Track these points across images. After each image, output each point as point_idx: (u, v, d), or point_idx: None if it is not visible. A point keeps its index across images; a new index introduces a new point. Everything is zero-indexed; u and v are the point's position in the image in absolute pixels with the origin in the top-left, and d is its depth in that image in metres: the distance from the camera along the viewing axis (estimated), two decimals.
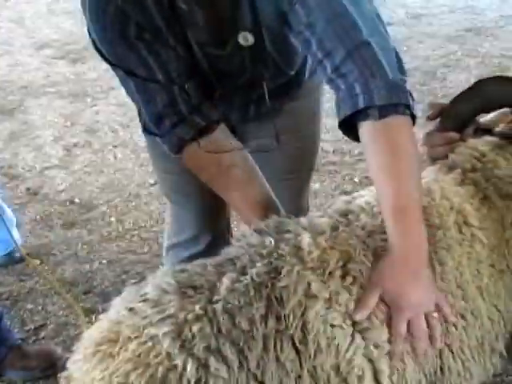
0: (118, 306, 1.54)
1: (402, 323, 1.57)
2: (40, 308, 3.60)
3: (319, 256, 1.58)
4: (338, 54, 1.64)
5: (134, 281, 3.73)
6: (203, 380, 1.39)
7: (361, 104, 1.61)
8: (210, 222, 2.47)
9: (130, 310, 1.49)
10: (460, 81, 5.96)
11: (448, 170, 1.87)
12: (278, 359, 1.47)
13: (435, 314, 1.62)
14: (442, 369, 1.72)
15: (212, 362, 1.40)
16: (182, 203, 2.46)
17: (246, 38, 1.83)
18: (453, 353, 1.71)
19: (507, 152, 1.84)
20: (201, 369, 1.39)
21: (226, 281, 1.51)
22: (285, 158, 2.31)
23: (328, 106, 2.13)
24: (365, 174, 4.73)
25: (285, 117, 2.19)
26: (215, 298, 1.49)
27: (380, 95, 1.61)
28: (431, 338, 1.62)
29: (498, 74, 2.00)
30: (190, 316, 1.44)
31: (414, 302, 1.59)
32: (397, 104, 1.62)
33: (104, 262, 4.01)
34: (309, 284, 1.54)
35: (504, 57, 6.49)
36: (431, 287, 1.64)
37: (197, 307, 1.46)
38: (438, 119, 1.93)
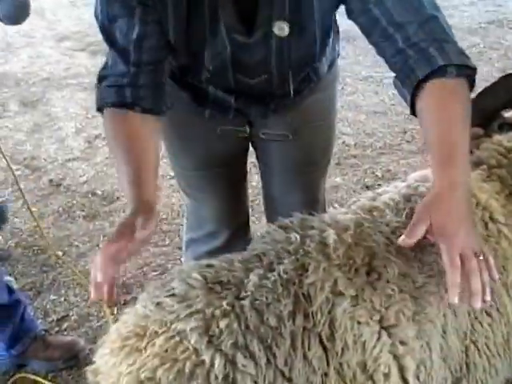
0: (144, 301, 1.54)
1: (456, 255, 1.46)
2: (63, 299, 3.63)
3: (345, 252, 1.58)
4: (411, 26, 1.68)
5: (155, 273, 3.77)
6: (231, 376, 1.39)
7: (440, 62, 1.63)
8: (228, 217, 2.49)
9: (157, 304, 1.50)
10: (482, 74, 5.90)
11: (473, 166, 1.87)
12: (305, 356, 1.47)
13: (482, 258, 1.51)
14: (467, 365, 1.72)
15: (239, 358, 1.40)
16: (200, 199, 2.47)
17: (281, 28, 1.81)
18: (479, 349, 1.72)
19: None
20: (228, 365, 1.39)
21: (253, 277, 1.52)
22: (300, 150, 2.30)
23: (350, 99, 2.13)
24: (387, 168, 4.73)
25: (302, 110, 2.19)
26: (242, 294, 1.49)
27: (456, 56, 1.65)
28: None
29: None
30: (217, 312, 1.44)
31: (463, 234, 1.49)
32: (469, 67, 1.66)
33: None
34: (335, 281, 1.54)
35: None
36: (476, 232, 1.58)
37: (224, 303, 1.46)
38: None
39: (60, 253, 3.94)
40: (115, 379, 1.44)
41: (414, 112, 1.74)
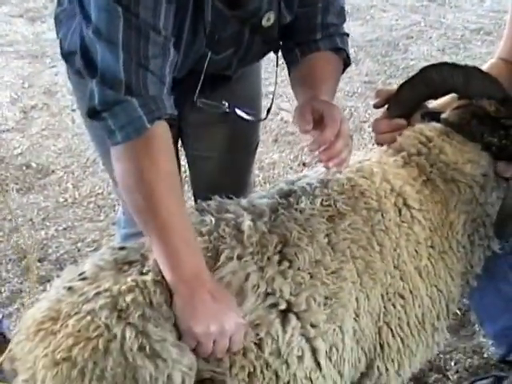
0: (57, 286, 1.58)
1: (337, 118, 1.75)
2: None
3: (258, 240, 1.62)
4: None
5: (89, 249, 3.74)
6: (147, 347, 1.44)
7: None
8: None
9: (69, 289, 1.53)
10: (422, 53, 5.99)
11: (394, 152, 1.91)
12: None
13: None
14: (381, 345, 1.78)
15: (151, 328, 1.46)
16: None
17: (268, 19, 1.87)
18: (392, 330, 1.77)
19: (454, 139, 1.87)
20: (141, 336, 1.45)
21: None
22: (231, 132, 2.31)
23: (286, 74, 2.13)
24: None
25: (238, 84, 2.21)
26: (145, 269, 1.55)
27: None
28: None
29: (443, 61, 2.03)
30: (123, 287, 1.49)
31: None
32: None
33: (60, 229, 3.98)
34: (247, 275, 1.59)
35: (467, 29, 6.48)
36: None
37: (129, 279, 1.51)
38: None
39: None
40: (31, 363, 1.47)
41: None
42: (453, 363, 2.83)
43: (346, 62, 2.06)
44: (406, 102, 1.94)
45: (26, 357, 1.48)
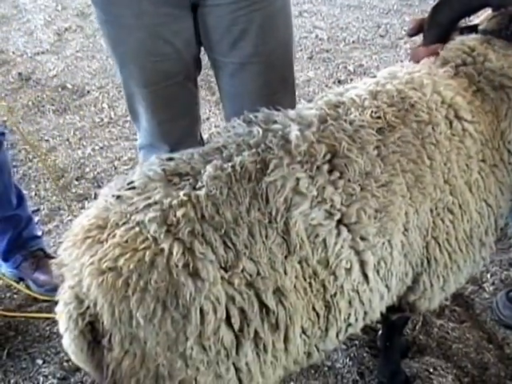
0: (106, 194, 1.55)
1: None
2: (33, 194, 3.63)
3: (307, 150, 1.58)
4: None
5: (126, 167, 3.76)
6: (191, 265, 1.41)
7: None
8: (163, 135, 2.45)
9: (118, 197, 1.50)
10: None
11: (440, 65, 1.86)
12: (264, 243, 1.49)
13: None
14: (428, 260, 1.77)
15: (197, 245, 1.42)
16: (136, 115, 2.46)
17: None
18: (440, 245, 1.76)
19: (495, 45, 1.83)
20: (187, 252, 1.41)
21: (209, 168, 1.52)
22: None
23: None
24: (359, 63, 4.68)
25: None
26: (199, 184, 1.49)
27: None
28: None
29: None
30: (174, 202, 1.45)
31: None
32: None
33: (96, 148, 4.01)
34: (297, 180, 1.54)
35: None
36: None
37: (181, 193, 1.47)
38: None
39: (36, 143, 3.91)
40: (78, 270, 1.45)
41: None
42: (489, 275, 2.86)
43: None
44: (441, 24, 1.89)
45: (73, 263, 1.47)
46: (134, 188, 1.51)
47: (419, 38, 2.01)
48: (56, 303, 1.49)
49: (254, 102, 2.12)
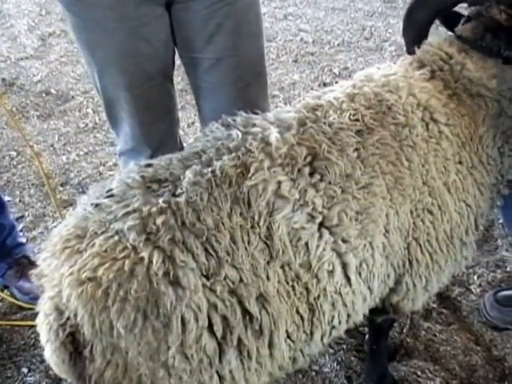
0: (84, 203, 1.54)
1: None
2: (17, 200, 3.61)
3: (287, 152, 1.57)
4: None
5: (111, 173, 3.74)
6: (171, 273, 1.40)
7: None
8: (146, 138, 2.44)
9: (96, 206, 1.49)
10: None
11: (416, 67, 1.86)
12: (246, 249, 1.49)
13: None
14: (410, 261, 1.78)
15: (177, 253, 1.41)
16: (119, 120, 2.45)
17: None
18: (421, 246, 1.76)
19: (473, 57, 1.82)
20: (167, 261, 1.40)
21: (188, 174, 1.51)
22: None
23: None
24: (344, 65, 4.68)
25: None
26: (178, 191, 1.48)
27: None
28: None
29: None
30: (153, 209, 1.44)
31: None
32: None
33: (81, 153, 3.99)
34: (279, 183, 1.54)
35: None
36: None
37: (160, 200, 1.46)
38: None
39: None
40: (57, 281, 1.43)
41: None
42: (476, 277, 2.86)
43: None
44: (418, 23, 1.91)
45: (53, 274, 1.45)
46: (112, 196, 1.50)
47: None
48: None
49: (230, 96, 2.13)
